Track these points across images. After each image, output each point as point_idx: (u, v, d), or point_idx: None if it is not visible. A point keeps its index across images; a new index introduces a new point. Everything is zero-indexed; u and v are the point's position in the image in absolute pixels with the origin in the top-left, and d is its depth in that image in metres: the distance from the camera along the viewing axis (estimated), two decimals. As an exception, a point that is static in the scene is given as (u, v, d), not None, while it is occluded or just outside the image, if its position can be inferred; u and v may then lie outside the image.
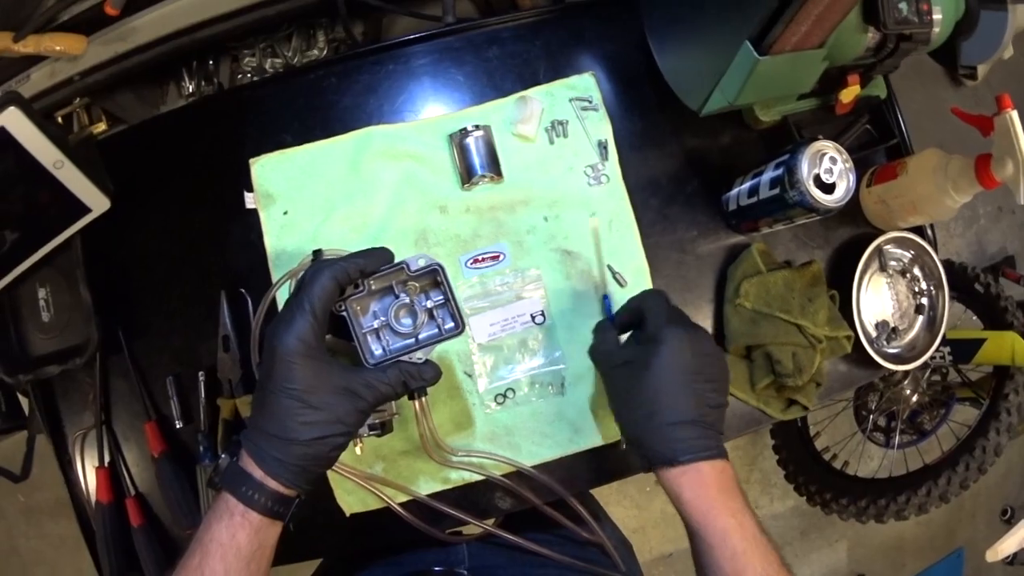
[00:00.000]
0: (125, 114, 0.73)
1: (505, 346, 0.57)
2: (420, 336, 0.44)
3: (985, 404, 1.05)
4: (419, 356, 0.43)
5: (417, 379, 0.42)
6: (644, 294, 0.49)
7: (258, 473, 0.39)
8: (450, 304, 0.44)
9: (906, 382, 1.16)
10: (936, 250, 0.66)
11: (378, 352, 0.43)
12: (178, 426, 0.62)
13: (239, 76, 0.72)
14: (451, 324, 0.44)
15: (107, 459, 0.64)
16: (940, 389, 1.18)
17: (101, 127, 0.71)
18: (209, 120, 0.62)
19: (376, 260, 0.42)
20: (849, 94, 0.61)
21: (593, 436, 0.58)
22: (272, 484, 0.39)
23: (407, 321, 0.44)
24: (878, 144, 0.67)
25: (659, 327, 0.44)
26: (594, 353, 0.49)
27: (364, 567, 0.62)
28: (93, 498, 0.65)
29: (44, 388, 0.67)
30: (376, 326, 0.44)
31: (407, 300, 0.44)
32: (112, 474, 0.64)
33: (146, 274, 0.63)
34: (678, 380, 0.43)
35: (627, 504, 1.40)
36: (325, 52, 0.71)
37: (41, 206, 0.59)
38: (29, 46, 0.64)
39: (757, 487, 1.48)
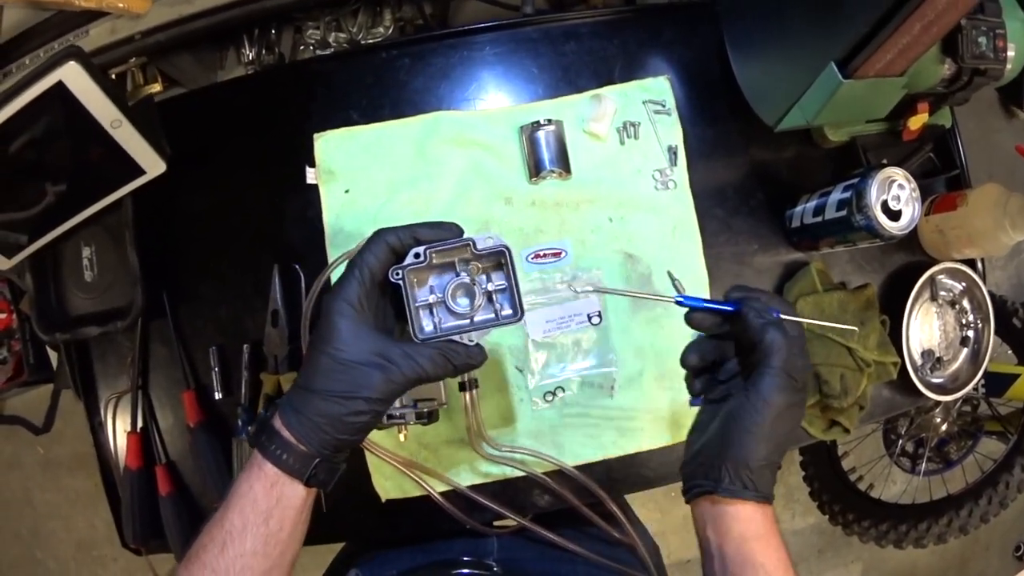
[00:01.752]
0: (182, 76, 0.74)
1: (559, 344, 0.58)
2: (475, 318, 0.42)
3: (1013, 439, 1.08)
4: (470, 339, 0.41)
5: (463, 359, 0.40)
6: (773, 328, 0.40)
7: (277, 422, 0.39)
8: (512, 289, 0.42)
9: (937, 410, 1.19)
10: (985, 283, 0.68)
11: (428, 328, 0.42)
12: (217, 397, 0.62)
13: (301, 48, 0.73)
14: (509, 311, 0.43)
15: (140, 425, 0.65)
16: (969, 420, 1.21)
17: (156, 87, 0.71)
18: (275, 91, 0.63)
19: (441, 233, 0.41)
20: (917, 121, 0.63)
21: (637, 441, 0.59)
22: (286, 433, 0.38)
23: (464, 301, 0.43)
24: (939, 173, 0.69)
25: (777, 373, 0.39)
26: (782, 367, 0.39)
27: (392, 552, 0.63)
28: (122, 463, 0.66)
29: (80, 348, 0.67)
30: (431, 301, 0.42)
31: (467, 279, 0.42)
32: (143, 440, 0.65)
33: (197, 241, 0.64)
34: (781, 426, 0.40)
35: (651, 507, 1.43)
36: (391, 30, 0.71)
37: (94, 164, 0.60)
38: (91, 1, 0.64)
39: (781, 501, 1.51)
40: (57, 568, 1.55)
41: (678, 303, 0.43)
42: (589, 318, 0.58)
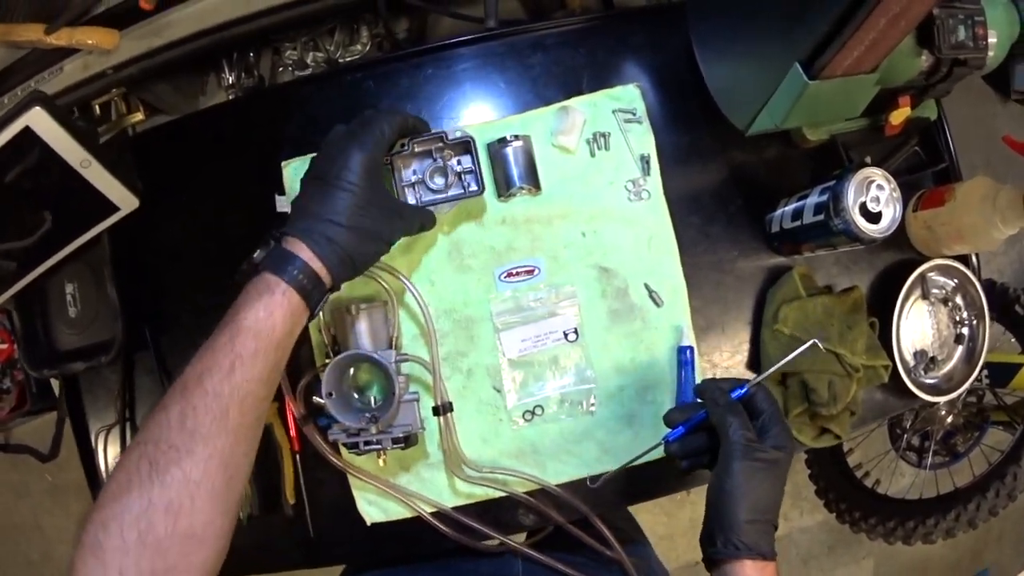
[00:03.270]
0: (163, 104, 0.75)
1: (536, 362, 0.58)
2: (448, 193, 0.55)
3: (1019, 429, 1.06)
4: (445, 208, 0.54)
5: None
6: (723, 411, 0.45)
7: (306, 253, 0.41)
8: (476, 171, 0.54)
9: (942, 402, 1.15)
10: (980, 279, 0.66)
11: (411, 200, 0.55)
12: (203, 426, 0.63)
13: (280, 69, 0.74)
14: (475, 187, 0.54)
15: (129, 456, 0.65)
16: (975, 412, 1.19)
17: (139, 116, 0.72)
18: (245, 119, 0.63)
19: (423, 127, 0.52)
20: (899, 116, 0.61)
21: (619, 457, 0.58)
22: (317, 264, 0.41)
23: (439, 180, 0.55)
24: (926, 168, 0.67)
25: (782, 436, 0.44)
26: (737, 441, 0.43)
27: (412, 568, 0.62)
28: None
29: (69, 382, 0.69)
30: (413, 180, 0.55)
31: (441, 164, 0.54)
32: (134, 470, 0.66)
33: (176, 272, 0.65)
34: (747, 491, 0.43)
35: (656, 512, 1.44)
36: (368, 47, 0.72)
37: (69, 203, 0.61)
38: (62, 39, 0.65)
39: (788, 500, 1.51)
40: None
41: (665, 441, 0.49)
42: (565, 335, 0.58)
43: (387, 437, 0.53)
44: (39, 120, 0.53)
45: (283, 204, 0.61)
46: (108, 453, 0.68)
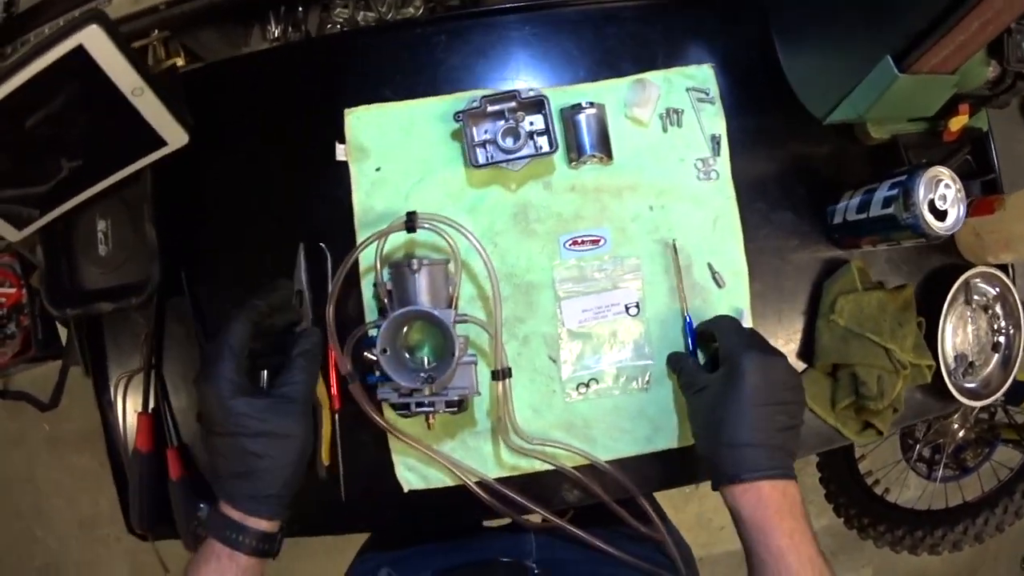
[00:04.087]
0: (205, 52, 0.72)
1: (595, 335, 0.57)
2: (520, 153, 0.55)
3: None
4: (517, 166, 0.55)
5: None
6: (717, 320, 0.53)
7: (236, 515, 0.42)
8: (549, 130, 0.55)
9: (955, 416, 1.20)
10: (1016, 287, 0.68)
11: (482, 160, 0.55)
12: (235, 378, 0.60)
13: (328, 27, 0.71)
14: (547, 147, 0.55)
15: (151, 406, 0.63)
16: (987, 428, 1.23)
17: (179, 62, 0.69)
18: (306, 64, 0.61)
19: (280, 296, 0.52)
20: (958, 123, 0.63)
21: (671, 437, 0.58)
22: (252, 522, 0.42)
23: (510, 141, 0.55)
24: (976, 177, 0.69)
25: (735, 354, 0.48)
26: (681, 384, 0.53)
27: (428, 547, 0.62)
28: (130, 445, 0.64)
29: (92, 325, 0.65)
30: (484, 139, 0.55)
31: (513, 124, 0.55)
32: (155, 421, 0.63)
33: (218, 217, 0.62)
34: (749, 405, 0.46)
35: (664, 504, 1.44)
36: (421, 11, 0.70)
37: (112, 134, 0.57)
38: None
39: None
40: (58, 546, 1.53)
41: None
42: (627, 308, 0.57)
43: (441, 400, 0.52)
44: (94, 39, 0.50)
45: (342, 153, 0.59)
46: (127, 402, 0.65)
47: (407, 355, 0.54)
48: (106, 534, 1.50)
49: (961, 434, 1.22)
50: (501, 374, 0.53)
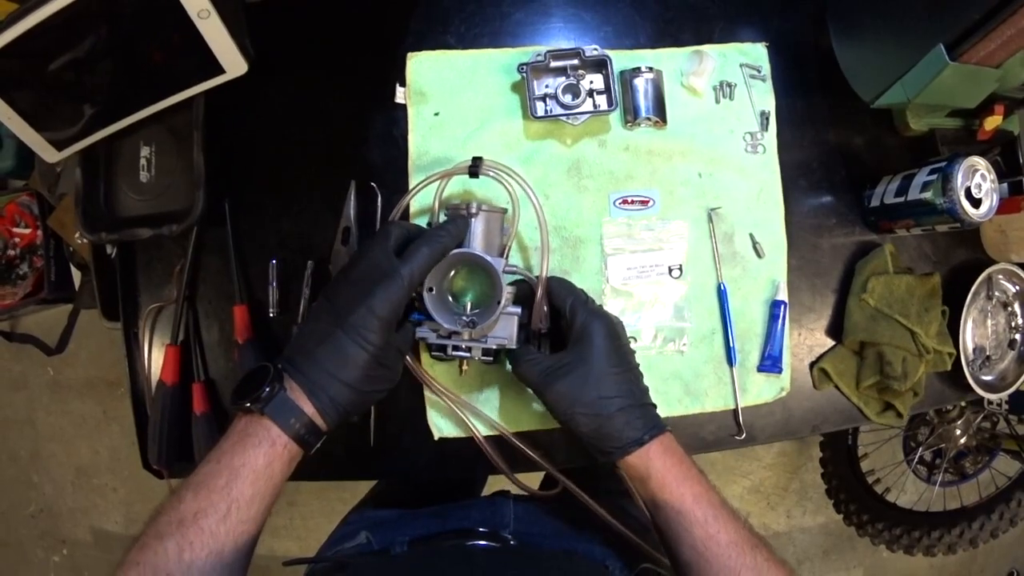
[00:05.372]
0: None
1: (636, 294, 0.61)
2: (579, 109, 0.59)
3: None
4: (576, 121, 0.59)
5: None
6: (555, 288, 0.53)
7: (309, 408, 0.43)
8: (610, 89, 0.59)
9: (959, 422, 1.27)
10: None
11: (541, 112, 0.59)
12: (272, 314, 0.63)
13: None
14: (606, 106, 0.59)
15: (180, 339, 0.64)
16: (988, 436, 1.29)
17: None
18: (371, 4, 0.64)
19: (463, 226, 0.52)
20: (992, 122, 0.68)
21: (701, 402, 0.62)
22: (320, 421, 0.43)
23: (570, 96, 0.59)
24: (1004, 177, 0.74)
25: (586, 322, 0.49)
26: (529, 374, 0.50)
27: (407, 514, 0.64)
28: (154, 379, 0.65)
29: (125, 254, 0.67)
30: (544, 93, 0.59)
31: (575, 81, 0.59)
32: (183, 354, 0.64)
33: (268, 149, 0.64)
34: (617, 367, 0.48)
35: None
36: None
37: (171, 56, 0.58)
38: None
39: (794, 496, 1.59)
40: (53, 492, 1.54)
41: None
42: (670, 270, 0.61)
43: (479, 346, 0.53)
44: None
45: (401, 96, 0.62)
46: (155, 336, 0.66)
47: (451, 299, 0.56)
48: (103, 483, 1.50)
49: (963, 441, 1.28)
50: (535, 335, 0.55)
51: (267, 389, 0.42)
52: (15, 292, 1.00)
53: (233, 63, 0.59)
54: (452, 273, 0.57)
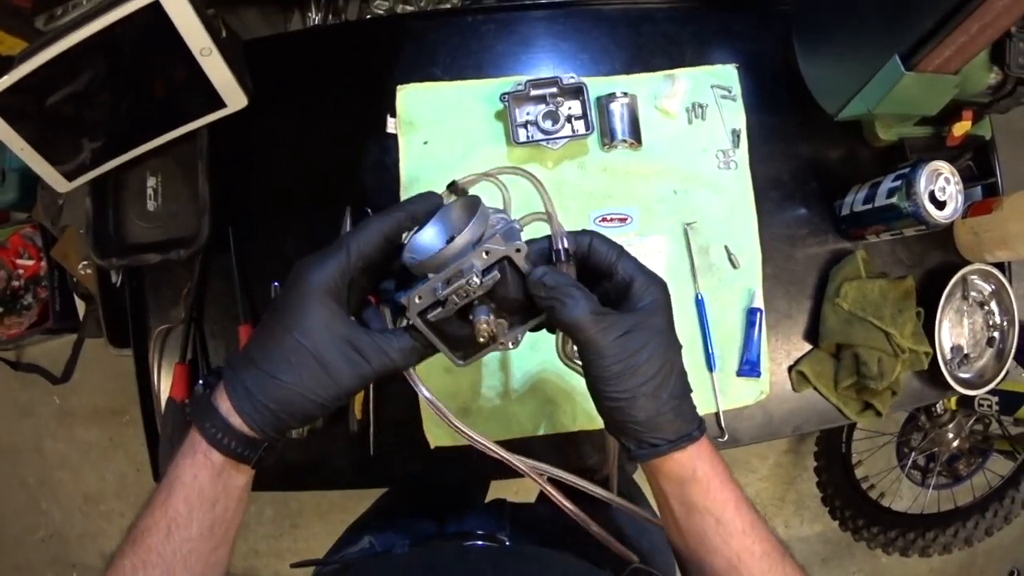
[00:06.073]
0: (245, 32, 0.80)
1: (618, 305, 0.66)
2: (559, 134, 0.64)
3: (1021, 456, 1.21)
4: (555, 146, 0.63)
5: (424, 353, 0.41)
6: (597, 244, 0.42)
7: (224, 406, 0.39)
8: (587, 114, 0.65)
9: (950, 425, 1.32)
10: (1012, 287, 0.78)
11: (523, 138, 0.65)
12: (275, 333, 0.69)
13: (367, 16, 0.81)
14: (584, 129, 0.65)
15: (189, 357, 0.70)
16: (981, 438, 1.35)
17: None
18: (362, 40, 0.71)
19: (425, 205, 0.42)
20: (961, 127, 0.73)
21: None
22: (236, 421, 0.38)
23: (550, 122, 0.65)
24: (977, 180, 0.79)
25: (647, 286, 0.41)
26: (603, 337, 0.38)
27: (408, 522, 0.68)
28: (164, 396, 0.71)
29: (133, 279, 0.73)
30: (526, 120, 0.65)
31: (553, 108, 0.65)
32: (191, 372, 0.70)
33: (268, 178, 0.71)
34: (675, 347, 0.41)
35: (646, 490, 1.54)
36: (458, 5, 0.80)
37: (176, 91, 0.65)
38: None
39: (791, 507, 1.64)
40: (62, 519, 1.61)
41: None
42: (649, 282, 0.67)
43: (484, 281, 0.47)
44: None
45: (392, 126, 0.68)
46: (164, 355, 0.72)
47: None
48: (110, 509, 1.57)
49: (955, 444, 1.33)
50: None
51: (197, 390, 0.42)
52: (21, 322, 1.06)
53: (234, 97, 0.66)
54: None
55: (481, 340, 0.39)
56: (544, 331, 0.44)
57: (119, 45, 0.58)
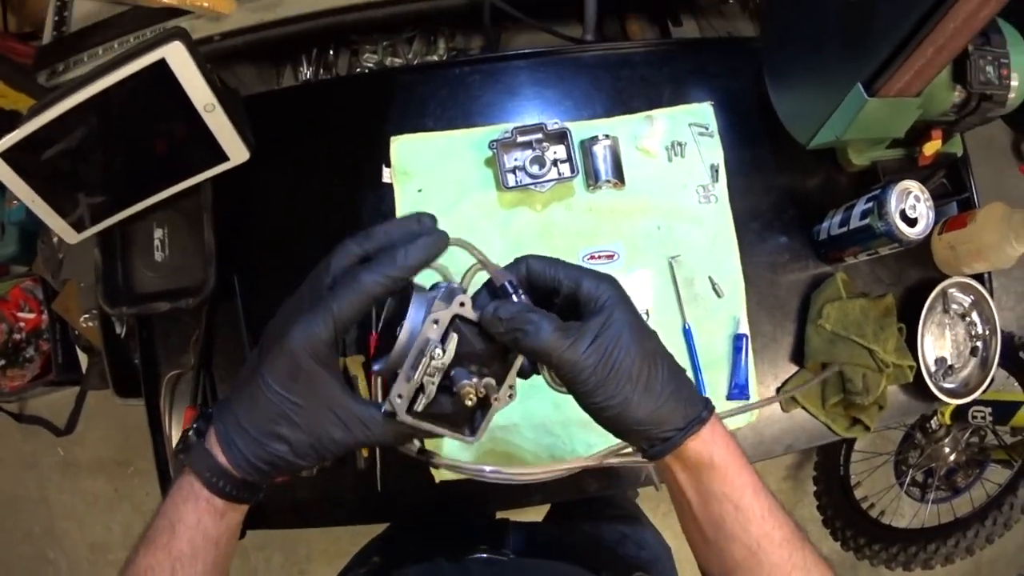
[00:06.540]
0: (240, 86, 0.86)
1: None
2: (546, 178, 0.70)
3: (1018, 464, 1.25)
4: (543, 188, 0.67)
5: (424, 437, 0.41)
6: (535, 265, 0.42)
7: (223, 459, 0.40)
8: (571, 159, 0.70)
9: (947, 440, 1.38)
10: (992, 297, 0.82)
11: (512, 183, 0.70)
12: (282, 378, 0.73)
13: (357, 70, 0.87)
14: (569, 173, 0.71)
15: (199, 402, 0.75)
16: (977, 450, 1.40)
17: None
18: (356, 95, 0.77)
19: (413, 259, 0.38)
20: (931, 147, 0.78)
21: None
22: (236, 473, 0.40)
23: (537, 167, 0.70)
24: (951, 197, 0.84)
25: (598, 288, 0.40)
26: (550, 342, 0.37)
27: (413, 538, 0.73)
28: (175, 440, 0.76)
29: (143, 327, 0.78)
30: (514, 165, 0.70)
31: (539, 153, 0.70)
32: (203, 416, 0.75)
33: (270, 228, 0.77)
34: (653, 334, 0.41)
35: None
36: (445, 58, 0.86)
37: (180, 147, 0.69)
38: None
39: None
40: (68, 569, 1.65)
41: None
42: (638, 314, 0.71)
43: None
44: (176, 55, 0.60)
45: (388, 176, 0.74)
46: (175, 400, 0.77)
47: None
48: (118, 559, 1.57)
49: (952, 457, 1.39)
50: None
51: (189, 435, 0.42)
52: (23, 374, 1.11)
53: (236, 151, 0.70)
54: None
55: (470, 403, 0.38)
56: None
57: (125, 101, 0.62)
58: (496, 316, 0.38)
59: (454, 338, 0.38)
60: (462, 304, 0.38)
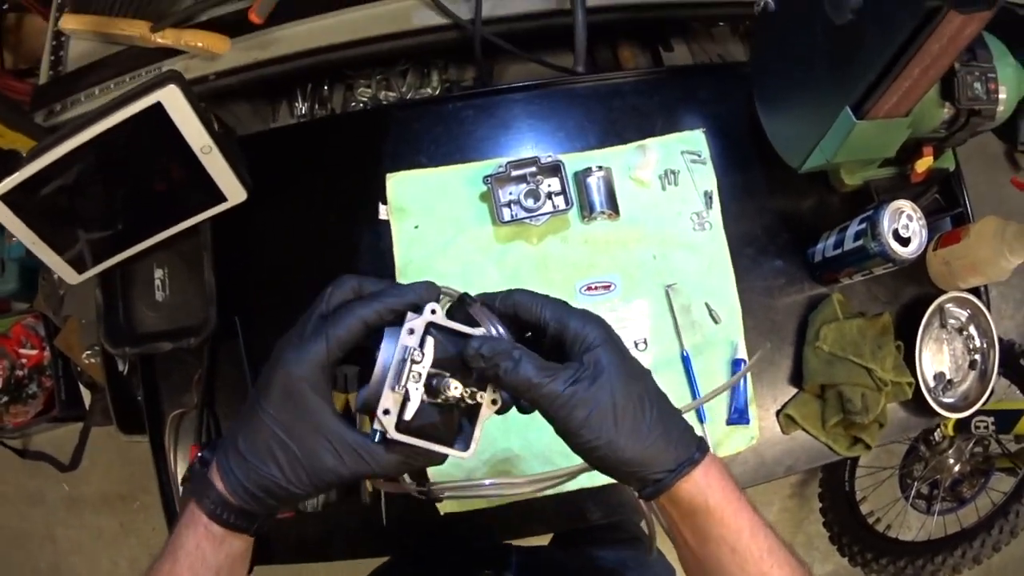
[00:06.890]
0: (235, 124, 0.88)
1: (609, 367, 0.73)
2: (541, 211, 0.72)
3: (1022, 472, 1.28)
4: (538, 222, 0.68)
5: (422, 463, 0.41)
6: (520, 300, 0.43)
7: (220, 486, 0.41)
8: (565, 190, 0.73)
9: (951, 451, 1.41)
10: (990, 311, 0.84)
11: (507, 217, 0.73)
12: (286, 415, 0.75)
13: (352, 104, 0.89)
14: (564, 205, 0.73)
15: (203, 440, 0.77)
16: (981, 460, 1.42)
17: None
18: (351, 132, 0.79)
19: (409, 294, 0.41)
20: (923, 164, 0.80)
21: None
22: (234, 500, 0.41)
23: (531, 200, 0.72)
24: (945, 212, 0.86)
25: (584, 327, 0.41)
26: (529, 378, 0.38)
27: (415, 558, 0.74)
28: (180, 477, 0.78)
29: (146, 366, 0.80)
30: (509, 199, 0.73)
31: (534, 187, 0.72)
32: (208, 454, 0.77)
33: (270, 267, 0.79)
34: (641, 374, 0.42)
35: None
36: (438, 91, 0.88)
37: (178, 188, 0.71)
38: (167, 39, 0.78)
39: (801, 549, 1.70)
40: None
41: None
42: (635, 344, 0.74)
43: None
44: (172, 99, 0.61)
45: (384, 213, 0.76)
46: (179, 439, 0.79)
47: None
48: None
49: (957, 468, 1.41)
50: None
51: (195, 465, 0.46)
52: (26, 411, 1.13)
53: (234, 191, 0.72)
54: None
55: (457, 403, 0.39)
56: None
57: (122, 144, 0.64)
58: (479, 353, 0.39)
59: (431, 341, 0.39)
60: (433, 311, 0.39)
